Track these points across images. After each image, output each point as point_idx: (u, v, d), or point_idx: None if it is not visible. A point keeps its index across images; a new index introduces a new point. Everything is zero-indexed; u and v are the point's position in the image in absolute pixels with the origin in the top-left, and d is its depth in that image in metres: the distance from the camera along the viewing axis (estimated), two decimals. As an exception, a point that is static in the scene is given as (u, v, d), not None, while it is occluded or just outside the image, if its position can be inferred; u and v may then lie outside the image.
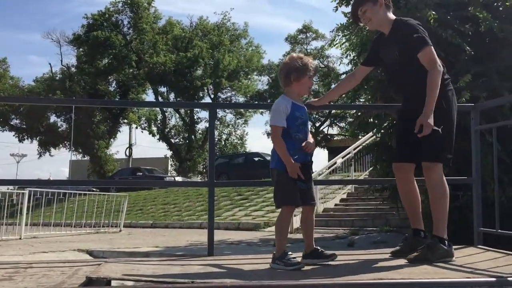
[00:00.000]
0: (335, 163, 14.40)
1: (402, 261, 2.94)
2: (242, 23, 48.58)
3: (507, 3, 5.99)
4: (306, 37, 33.66)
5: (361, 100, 9.16)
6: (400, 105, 3.47)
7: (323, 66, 31.02)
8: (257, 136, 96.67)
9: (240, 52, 36.32)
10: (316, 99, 3.63)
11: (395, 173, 3.31)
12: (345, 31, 8.26)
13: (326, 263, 2.86)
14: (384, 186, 8.61)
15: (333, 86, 8.56)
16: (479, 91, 5.78)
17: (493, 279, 2.25)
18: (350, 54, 8.38)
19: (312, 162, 2.96)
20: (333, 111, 28.57)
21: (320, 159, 32.04)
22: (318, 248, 2.94)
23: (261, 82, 37.27)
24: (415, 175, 3.31)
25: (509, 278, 2.26)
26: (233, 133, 42.33)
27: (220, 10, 51.00)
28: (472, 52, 6.09)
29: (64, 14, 63.14)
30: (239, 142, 42.87)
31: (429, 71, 2.98)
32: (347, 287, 2.18)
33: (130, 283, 2.15)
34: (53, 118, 35.67)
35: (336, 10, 8.08)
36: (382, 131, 7.86)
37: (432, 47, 3.06)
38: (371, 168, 11.80)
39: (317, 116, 32.56)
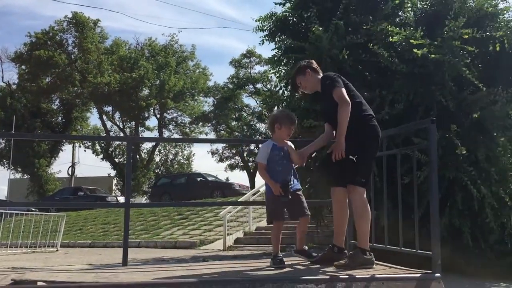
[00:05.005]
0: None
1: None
2: (190, 44, 49.43)
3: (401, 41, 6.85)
4: (250, 62, 34.83)
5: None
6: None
7: (266, 89, 32.12)
8: (203, 156, 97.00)
9: (186, 74, 36.94)
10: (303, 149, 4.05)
11: (331, 195, 3.91)
12: (273, 64, 9.14)
13: (307, 261, 3.86)
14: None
15: (276, 109, 9.34)
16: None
17: (327, 276, 3.02)
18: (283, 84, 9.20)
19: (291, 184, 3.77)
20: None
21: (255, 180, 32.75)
22: (306, 248, 3.96)
23: (207, 104, 37.99)
24: None
25: (340, 276, 3.05)
26: (180, 153, 42.74)
27: (169, 27, 51.50)
28: (368, 77, 6.99)
29: (6, 27, 61.48)
30: (185, 162, 43.27)
31: (339, 105, 3.68)
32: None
33: (47, 284, 2.75)
34: (-9, 136, 34.80)
35: (263, 43, 8.98)
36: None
37: (342, 88, 3.72)
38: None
39: (260, 138, 33.57)
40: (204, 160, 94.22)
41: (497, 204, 6.34)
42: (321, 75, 4.05)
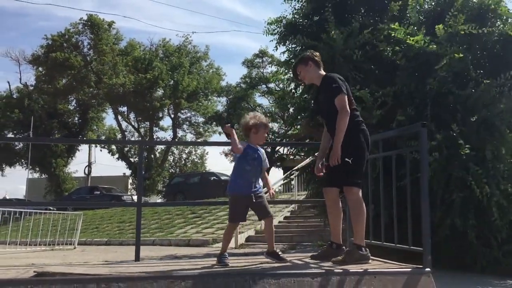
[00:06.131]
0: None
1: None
2: (204, 44, 49.78)
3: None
4: (262, 61, 35.08)
5: (298, 127, 10.28)
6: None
7: (278, 89, 32.29)
8: (216, 155, 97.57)
9: (200, 74, 37.31)
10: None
11: (324, 195, 4.08)
12: (283, 66, 9.32)
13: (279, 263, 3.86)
14: (314, 204, 9.66)
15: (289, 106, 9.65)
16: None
17: (323, 270, 3.24)
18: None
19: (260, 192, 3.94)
20: (289, 132, 29.82)
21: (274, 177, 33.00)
22: (278, 251, 4.04)
23: (220, 103, 38.33)
24: None
25: (335, 270, 3.27)
26: (193, 152, 43.19)
27: (184, 28, 51.96)
28: (377, 71, 7.17)
29: (21, 28, 62.71)
30: (199, 161, 43.72)
31: (339, 113, 3.81)
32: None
33: (65, 276, 3.03)
34: (10, 136, 35.63)
35: (277, 49, 9.11)
36: (315, 154, 8.89)
37: (345, 96, 3.85)
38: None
39: (273, 137, 33.83)
40: (218, 159, 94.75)
41: (506, 202, 6.33)
42: (321, 69, 4.15)
